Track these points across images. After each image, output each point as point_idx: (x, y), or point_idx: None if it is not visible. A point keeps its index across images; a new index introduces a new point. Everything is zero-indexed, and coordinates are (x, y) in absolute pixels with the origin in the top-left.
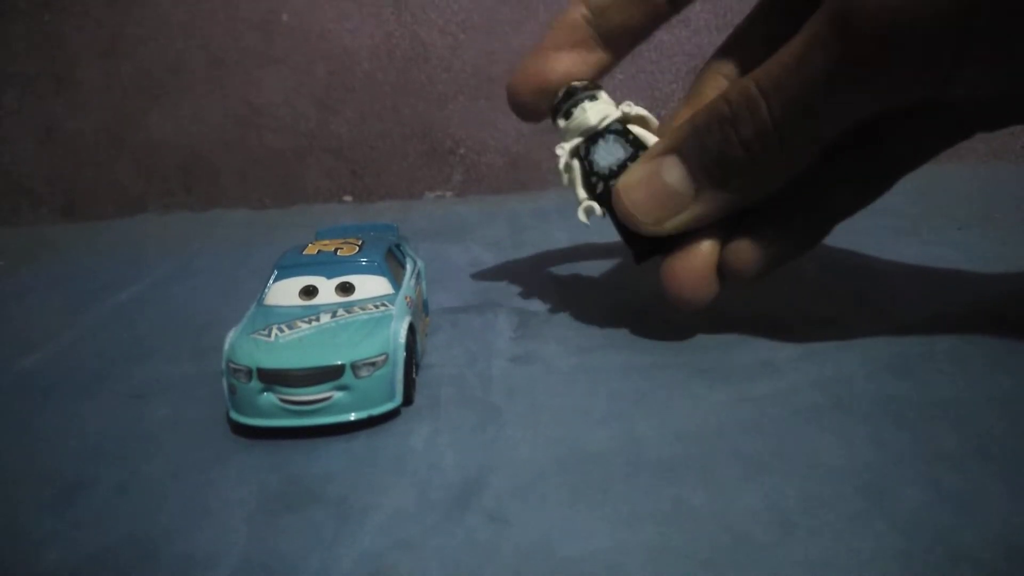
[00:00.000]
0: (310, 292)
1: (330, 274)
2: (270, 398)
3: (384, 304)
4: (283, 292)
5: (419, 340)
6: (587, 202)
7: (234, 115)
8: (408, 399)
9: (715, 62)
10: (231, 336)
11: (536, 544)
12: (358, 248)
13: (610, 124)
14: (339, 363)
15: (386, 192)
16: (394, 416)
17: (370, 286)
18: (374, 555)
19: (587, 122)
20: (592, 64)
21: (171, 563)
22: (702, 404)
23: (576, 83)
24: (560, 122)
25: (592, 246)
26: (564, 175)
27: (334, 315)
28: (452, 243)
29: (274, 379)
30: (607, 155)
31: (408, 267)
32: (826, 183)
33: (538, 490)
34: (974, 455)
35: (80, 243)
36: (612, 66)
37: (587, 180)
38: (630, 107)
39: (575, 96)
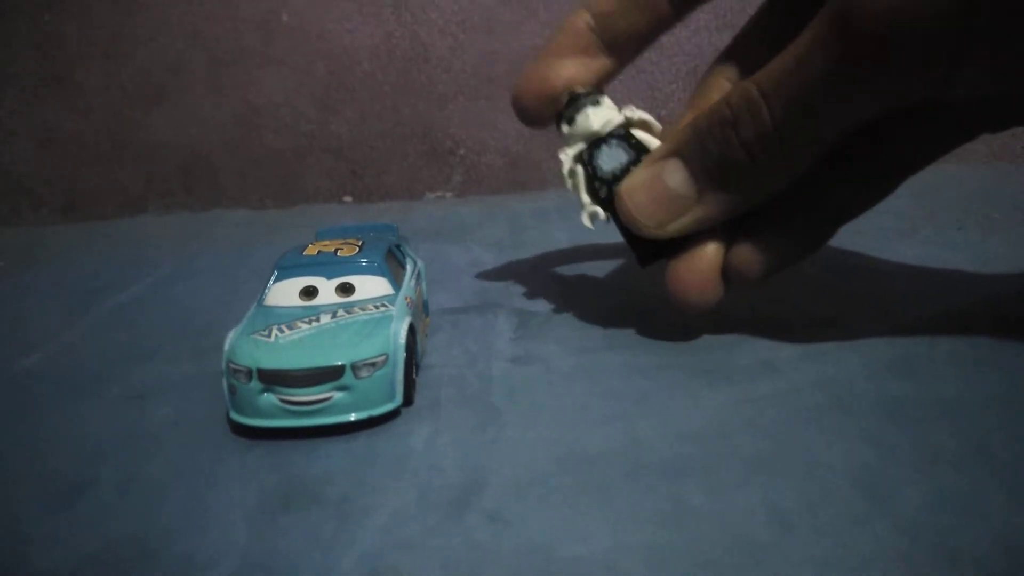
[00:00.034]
0: (310, 292)
1: (330, 275)
2: (270, 398)
3: (384, 305)
4: (283, 292)
5: (419, 341)
6: (591, 207)
7: (234, 115)
8: (408, 400)
9: (718, 66)
10: (231, 336)
11: (536, 544)
12: (358, 249)
13: (613, 129)
14: (339, 363)
15: (386, 192)
16: (394, 416)
17: (370, 287)
18: (374, 555)
19: (590, 127)
20: (596, 70)
21: (171, 563)
22: (702, 404)
23: (579, 89)
24: (564, 128)
25: (592, 247)
26: (568, 180)
27: (334, 316)
28: (452, 243)
29: (274, 379)
30: (610, 160)
31: (408, 267)
32: (829, 185)
33: (538, 490)
34: (974, 455)
35: (80, 243)
36: (616, 72)
37: (591, 185)
38: (633, 112)
39: (578, 102)
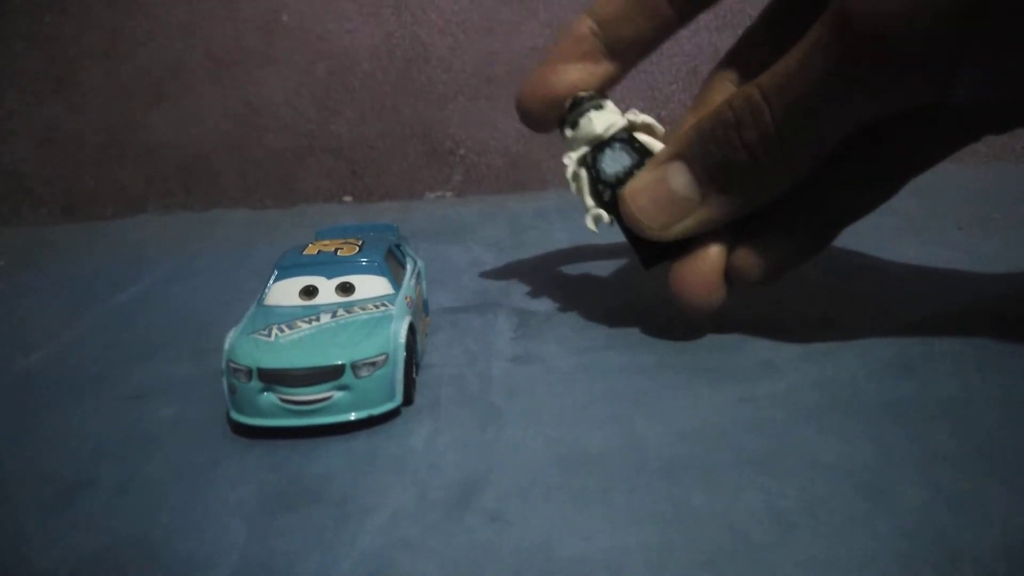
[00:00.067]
0: (310, 292)
1: (330, 274)
2: (270, 398)
3: (384, 304)
4: (283, 292)
5: (419, 340)
6: (595, 210)
7: (234, 115)
8: (408, 399)
9: (721, 69)
10: (231, 336)
11: (536, 544)
12: (358, 248)
13: (616, 132)
14: (339, 363)
15: (386, 192)
16: (394, 416)
17: (370, 286)
18: (374, 555)
19: (593, 131)
20: (599, 76)
21: (171, 563)
22: (702, 404)
23: (582, 93)
24: (567, 132)
25: (593, 247)
26: (572, 184)
27: (334, 315)
28: (452, 243)
29: (274, 379)
30: (614, 163)
31: (408, 267)
32: (832, 187)
33: (538, 490)
34: (974, 455)
35: (80, 243)
36: (620, 77)
37: (594, 188)
38: (636, 115)
39: (581, 106)
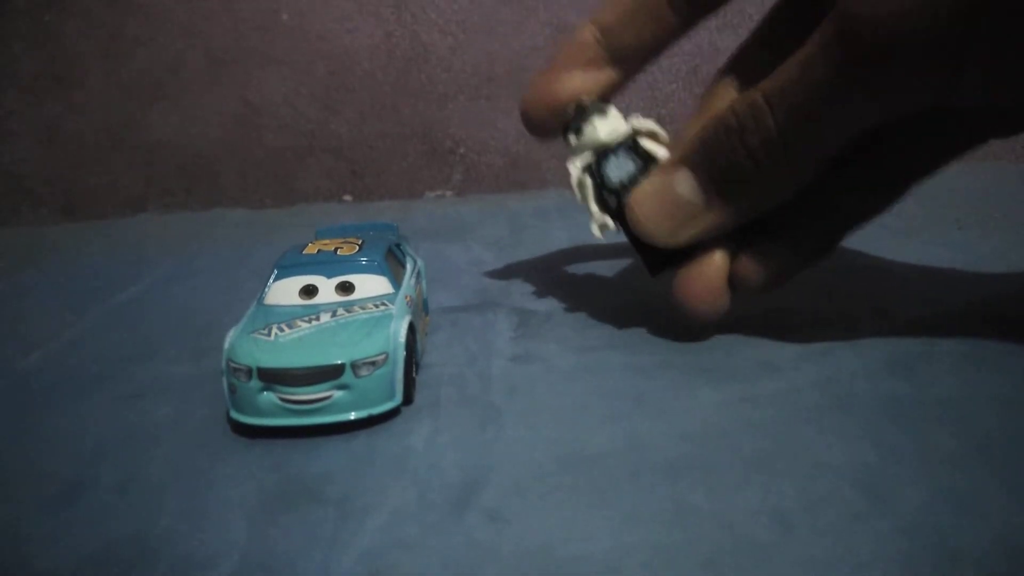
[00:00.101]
0: (310, 291)
1: (330, 273)
2: (270, 397)
3: (384, 303)
4: (283, 291)
5: (419, 339)
6: (601, 217)
7: (234, 115)
8: (408, 398)
9: (724, 75)
10: (231, 335)
11: (536, 544)
12: (358, 247)
13: (620, 139)
14: (339, 362)
15: (386, 192)
16: (394, 415)
17: (370, 285)
18: (374, 555)
19: (597, 138)
20: (603, 82)
21: (171, 563)
22: (702, 404)
23: (585, 100)
24: (571, 139)
25: (592, 246)
26: (577, 191)
27: (334, 314)
28: (452, 242)
29: (274, 378)
30: (618, 170)
31: (408, 266)
32: (836, 193)
33: (538, 490)
34: (974, 455)
35: (80, 243)
36: (623, 84)
37: (599, 195)
38: (639, 121)
39: (584, 113)
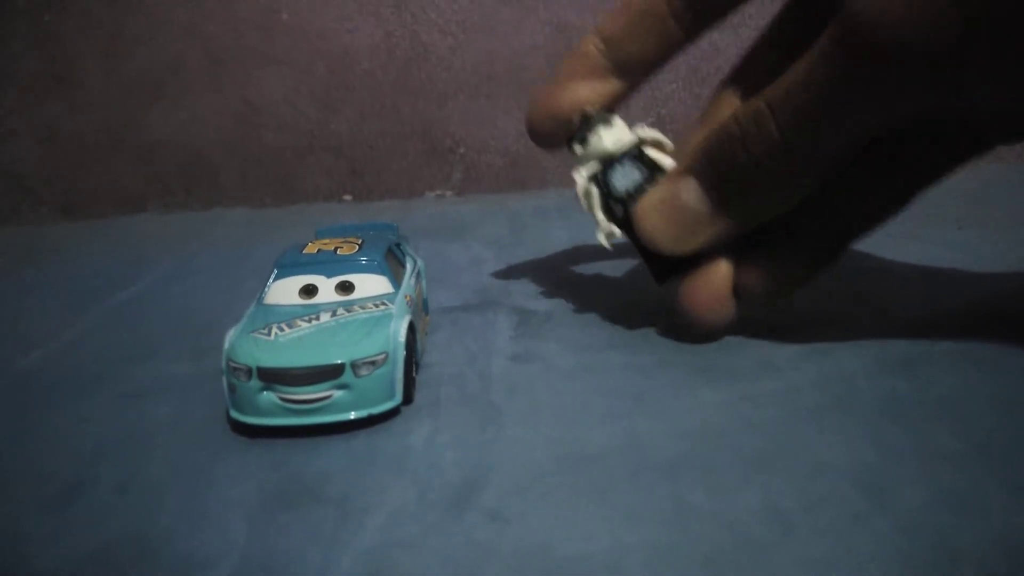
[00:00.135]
0: (310, 291)
1: (330, 273)
2: (270, 397)
3: (384, 303)
4: (283, 291)
5: (419, 339)
6: (607, 226)
7: (234, 115)
8: (408, 398)
9: (728, 84)
10: (231, 335)
11: (536, 544)
12: (358, 247)
13: (626, 148)
14: (339, 362)
15: (386, 191)
16: (394, 415)
17: (370, 285)
18: (374, 554)
19: (603, 148)
20: (607, 93)
21: (171, 563)
22: (702, 403)
23: (590, 110)
24: (576, 149)
25: (592, 246)
26: (583, 201)
27: (334, 314)
28: (452, 242)
29: (274, 378)
30: (624, 179)
31: (408, 266)
32: (841, 201)
33: (538, 490)
34: (974, 455)
35: (80, 243)
36: (627, 94)
37: (606, 204)
38: (644, 130)
39: (589, 123)
